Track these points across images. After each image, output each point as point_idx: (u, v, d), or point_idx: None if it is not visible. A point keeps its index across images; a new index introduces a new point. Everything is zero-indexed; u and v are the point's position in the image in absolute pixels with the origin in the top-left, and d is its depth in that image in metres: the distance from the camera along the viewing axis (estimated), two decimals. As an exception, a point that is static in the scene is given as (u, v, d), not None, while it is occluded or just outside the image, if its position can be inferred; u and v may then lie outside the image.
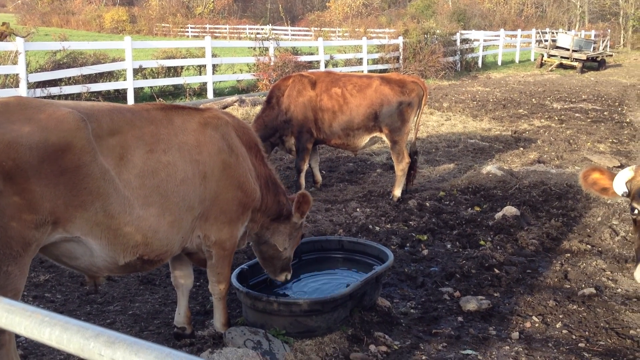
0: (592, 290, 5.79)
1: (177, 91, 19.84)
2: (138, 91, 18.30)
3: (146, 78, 19.28)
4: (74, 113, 3.58)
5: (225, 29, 56.34)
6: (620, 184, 3.29)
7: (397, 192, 8.82)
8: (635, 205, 3.16)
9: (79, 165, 3.52)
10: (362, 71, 24.64)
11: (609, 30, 51.11)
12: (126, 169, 3.79)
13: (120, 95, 17.74)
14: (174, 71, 20.40)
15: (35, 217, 3.38)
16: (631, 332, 5.08)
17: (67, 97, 15.31)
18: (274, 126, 8.99)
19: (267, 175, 4.94)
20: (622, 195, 3.31)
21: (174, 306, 5.49)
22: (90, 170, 3.56)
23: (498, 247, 6.93)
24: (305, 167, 9.06)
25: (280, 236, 5.14)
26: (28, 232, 3.38)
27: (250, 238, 5.11)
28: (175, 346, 4.68)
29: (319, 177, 9.74)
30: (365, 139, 8.85)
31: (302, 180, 9.06)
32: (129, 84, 17.29)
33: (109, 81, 17.92)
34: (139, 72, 18.66)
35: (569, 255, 6.80)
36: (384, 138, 8.81)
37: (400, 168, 8.77)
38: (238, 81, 21.28)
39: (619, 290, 5.90)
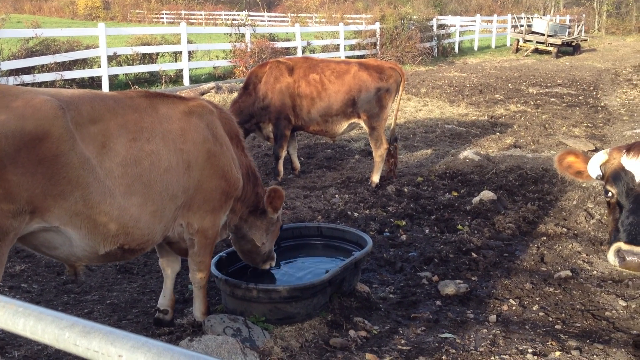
0: (568, 272, 5.87)
1: (153, 78, 19.64)
2: (113, 78, 18.09)
3: (121, 65, 19.07)
4: (51, 100, 3.51)
5: (201, 15, 55.78)
6: (594, 167, 3.32)
7: (376, 178, 8.84)
8: (609, 188, 3.19)
9: (57, 154, 3.45)
10: (340, 57, 24.58)
11: (584, 15, 51.50)
12: (108, 158, 3.72)
13: (94, 83, 17.52)
14: (149, 58, 20.18)
15: (12, 206, 3.32)
16: (606, 313, 5.15)
17: (40, 84, 15.08)
18: (250, 112, 8.95)
19: (247, 165, 4.94)
20: (596, 179, 3.34)
21: (153, 295, 5.47)
22: (68, 159, 3.49)
23: (475, 232, 6.99)
24: (284, 154, 9.05)
25: (257, 231, 5.10)
26: (5, 222, 3.31)
27: (230, 230, 5.09)
28: (153, 335, 4.66)
29: (297, 164, 9.73)
30: (344, 125, 8.84)
31: (281, 167, 9.06)
32: (104, 71, 17.07)
33: (83, 68, 17.67)
34: (113, 59, 18.44)
35: (545, 238, 6.88)
36: (362, 124, 8.81)
37: (379, 154, 8.79)
38: (214, 68, 21.12)
39: (595, 272, 5.99)
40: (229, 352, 4.04)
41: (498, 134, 12.60)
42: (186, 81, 19.34)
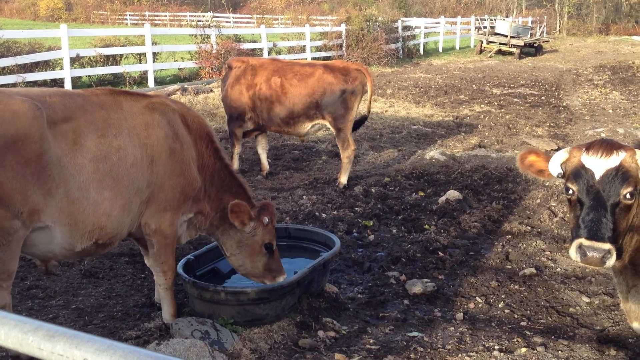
0: (533, 270, 5.97)
1: (117, 80, 19.38)
2: (76, 80, 17.80)
3: (84, 67, 18.76)
4: (29, 102, 3.63)
5: (166, 16, 55.24)
6: (555, 166, 3.39)
7: (343, 179, 8.85)
8: (569, 185, 3.26)
9: (41, 152, 3.60)
10: (306, 59, 24.60)
11: (546, 17, 52.47)
12: (80, 154, 3.88)
13: (57, 85, 17.18)
14: (113, 60, 19.91)
15: (8, 210, 3.52)
16: (570, 309, 5.25)
17: (1, 87, 14.76)
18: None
19: (215, 168, 4.85)
20: (558, 177, 3.41)
21: (119, 299, 5.40)
22: (50, 157, 3.65)
23: (442, 231, 7.05)
24: (235, 150, 9.13)
25: (228, 240, 4.97)
26: (7, 223, 3.53)
27: (212, 236, 5.10)
28: (120, 339, 4.60)
29: (265, 165, 9.71)
30: (307, 126, 8.85)
31: (234, 162, 9.03)
32: (66, 73, 16.79)
33: (45, 70, 17.35)
34: (76, 61, 18.14)
35: (509, 236, 6.98)
36: (328, 125, 8.82)
37: (346, 155, 8.80)
38: (180, 69, 20.94)
39: (558, 269, 6.09)
40: (197, 355, 4.01)
41: (463, 134, 12.75)
42: (151, 83, 19.13)
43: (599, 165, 3.15)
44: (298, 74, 8.74)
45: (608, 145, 3.20)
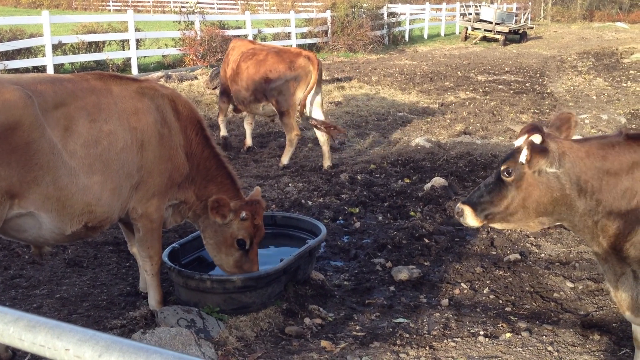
0: (517, 256, 6.00)
1: (100, 67, 19.14)
2: (58, 67, 17.59)
3: (66, 54, 18.53)
4: (19, 90, 3.62)
5: (149, 2, 54.71)
6: (522, 157, 3.52)
7: (284, 160, 9.27)
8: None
9: (29, 141, 3.60)
10: (291, 45, 24.48)
11: (530, 3, 52.54)
12: (72, 140, 3.89)
13: (39, 73, 16.99)
14: (96, 46, 19.67)
15: None
16: (554, 295, 5.29)
17: (-19, 74, 14.56)
18: None
19: (202, 156, 4.81)
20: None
21: (103, 288, 5.37)
22: (40, 145, 3.65)
23: (427, 218, 7.07)
24: (219, 119, 10.27)
25: (207, 229, 4.91)
26: None
27: (194, 224, 5.07)
28: (105, 329, 4.58)
29: (248, 142, 10.35)
30: (258, 107, 9.37)
31: (221, 128, 10.33)
32: (49, 61, 16.59)
33: (27, 58, 17.14)
34: (58, 47, 17.91)
35: (495, 222, 7.00)
36: (274, 108, 9.16)
37: (289, 139, 9.16)
38: (164, 56, 20.75)
39: (543, 255, 6.13)
40: (183, 343, 4.00)
41: (448, 121, 12.77)
42: (134, 70, 18.96)
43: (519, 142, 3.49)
44: (255, 59, 9.23)
45: (524, 129, 3.51)
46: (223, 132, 10.36)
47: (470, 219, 3.56)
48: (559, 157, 3.37)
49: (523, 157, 3.37)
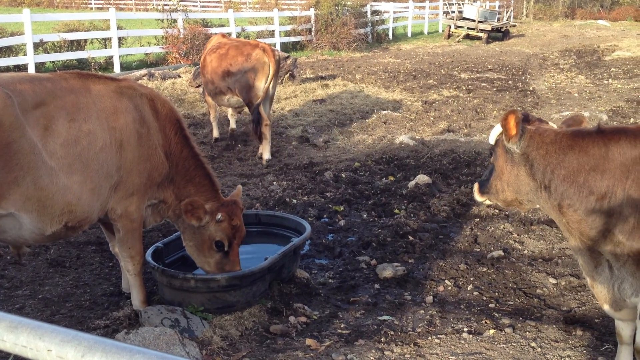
0: (501, 252, 6.04)
1: (82, 66, 18.99)
2: (39, 66, 17.43)
3: (48, 52, 18.36)
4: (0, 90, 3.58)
5: (131, 0, 54.35)
6: (492, 137, 3.88)
7: (265, 154, 9.54)
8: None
9: (9, 142, 3.56)
10: (275, 44, 24.43)
11: (513, 1, 52.83)
12: (52, 140, 3.86)
13: (20, 71, 16.82)
14: (78, 45, 19.50)
15: None
16: (537, 291, 5.33)
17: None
18: None
19: (181, 156, 4.78)
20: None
21: (86, 288, 5.33)
22: (20, 145, 3.61)
23: (412, 215, 7.10)
24: (211, 117, 10.56)
25: (186, 230, 4.89)
26: None
27: (175, 224, 5.04)
28: (88, 329, 4.55)
29: (231, 126, 10.77)
30: (224, 98, 9.69)
31: (213, 129, 10.65)
32: (30, 59, 16.44)
33: (8, 56, 16.99)
34: (40, 46, 17.75)
35: (478, 220, 7.05)
36: (238, 99, 9.50)
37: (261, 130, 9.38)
38: (146, 54, 20.63)
39: (526, 251, 6.18)
40: (167, 343, 3.98)
41: (432, 118, 12.82)
42: (117, 68, 18.83)
43: None
44: (218, 52, 9.57)
45: (505, 113, 3.76)
46: (216, 133, 10.63)
47: (476, 194, 4.14)
48: (527, 139, 3.62)
49: (491, 138, 3.84)
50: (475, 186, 4.13)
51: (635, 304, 3.52)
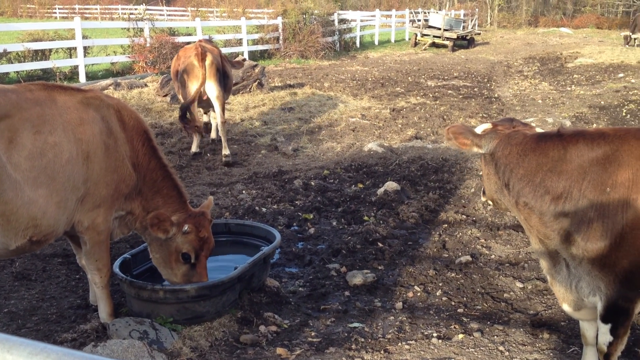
0: (468, 257, 6.11)
1: (46, 76, 18.75)
2: (3, 77, 17.16)
3: (12, 63, 18.07)
4: None
5: (96, 9, 53.86)
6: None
7: (193, 147, 10.38)
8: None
9: None
10: (242, 52, 24.40)
11: (477, 10, 53.62)
12: (16, 152, 3.78)
13: (-18, 81, 16.53)
14: (42, 54, 19.24)
15: None
16: (505, 295, 5.41)
17: None
18: None
19: (149, 167, 4.72)
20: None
21: (53, 301, 5.25)
22: None
23: (381, 222, 7.14)
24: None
25: (152, 242, 4.82)
26: None
27: (142, 236, 4.97)
28: (55, 342, 4.47)
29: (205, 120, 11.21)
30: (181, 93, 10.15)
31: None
32: (-7, 69, 16.17)
33: (-30, 66, 16.67)
34: (3, 56, 17.49)
35: (446, 225, 7.12)
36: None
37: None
38: (112, 64, 20.43)
39: (493, 256, 6.26)
40: (136, 355, 3.94)
41: (400, 126, 12.92)
42: (82, 78, 18.60)
43: None
44: (177, 56, 10.16)
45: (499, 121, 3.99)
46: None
47: (482, 196, 4.30)
48: (496, 140, 3.80)
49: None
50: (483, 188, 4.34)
51: (594, 304, 3.60)
